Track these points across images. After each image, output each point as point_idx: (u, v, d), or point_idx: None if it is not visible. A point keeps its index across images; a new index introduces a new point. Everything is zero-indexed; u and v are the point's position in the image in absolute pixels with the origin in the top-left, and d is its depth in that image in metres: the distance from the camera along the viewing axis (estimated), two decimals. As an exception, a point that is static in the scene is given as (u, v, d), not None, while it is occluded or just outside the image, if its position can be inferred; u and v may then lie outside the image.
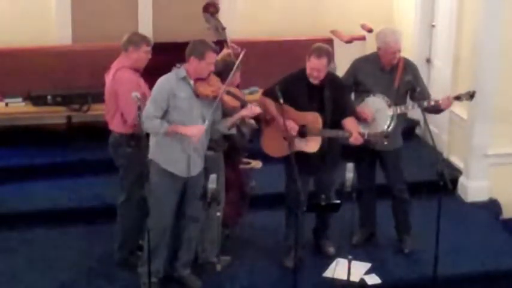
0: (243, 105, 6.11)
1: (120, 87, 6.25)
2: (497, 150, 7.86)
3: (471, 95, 6.67)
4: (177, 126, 5.94)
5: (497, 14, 7.52)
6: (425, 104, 6.57)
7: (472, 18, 7.78)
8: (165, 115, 5.94)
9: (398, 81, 6.63)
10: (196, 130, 5.92)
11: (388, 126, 6.54)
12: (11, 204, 7.31)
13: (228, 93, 6.08)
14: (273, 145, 6.47)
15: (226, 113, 6.18)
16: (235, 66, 6.10)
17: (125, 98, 6.18)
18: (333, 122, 6.40)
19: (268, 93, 6.43)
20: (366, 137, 6.32)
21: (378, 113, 6.57)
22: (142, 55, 6.32)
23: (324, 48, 6.39)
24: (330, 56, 6.39)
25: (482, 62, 7.63)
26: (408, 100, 6.74)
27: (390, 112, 6.55)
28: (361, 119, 6.55)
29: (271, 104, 6.38)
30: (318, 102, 6.39)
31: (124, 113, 6.24)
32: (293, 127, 6.34)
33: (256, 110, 6.13)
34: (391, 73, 6.65)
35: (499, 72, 7.63)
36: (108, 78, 6.38)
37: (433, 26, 8.74)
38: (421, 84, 6.73)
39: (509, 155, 7.90)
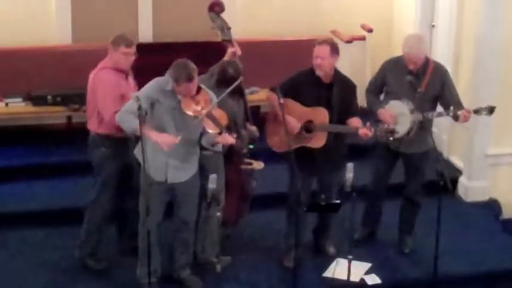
0: (221, 132, 5.89)
1: (97, 87, 6.26)
2: (497, 150, 7.87)
3: (490, 110, 6.54)
4: (149, 131, 5.85)
5: (498, 14, 7.53)
6: (444, 114, 6.52)
7: (472, 18, 7.78)
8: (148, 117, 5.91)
9: (425, 85, 6.58)
10: (167, 140, 5.84)
11: (408, 132, 6.53)
12: (11, 204, 7.31)
13: (209, 116, 5.87)
14: (276, 140, 6.48)
15: None
16: (225, 93, 6.04)
17: (102, 97, 6.20)
18: (339, 120, 6.42)
19: (275, 89, 6.43)
20: (372, 131, 6.31)
21: (401, 117, 6.53)
22: (121, 56, 6.26)
23: (327, 39, 6.45)
24: (334, 47, 6.38)
25: (483, 62, 7.63)
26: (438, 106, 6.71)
27: (411, 118, 6.50)
28: (380, 121, 6.55)
29: (276, 100, 6.39)
30: (325, 100, 6.40)
31: (101, 112, 6.24)
32: (294, 126, 6.35)
33: (230, 140, 5.90)
34: (419, 77, 6.59)
35: (499, 72, 7.63)
36: (91, 77, 6.39)
37: (433, 26, 8.73)
38: (450, 90, 6.65)
39: (509, 155, 7.90)
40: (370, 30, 9.02)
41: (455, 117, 6.50)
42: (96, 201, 6.46)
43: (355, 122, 6.42)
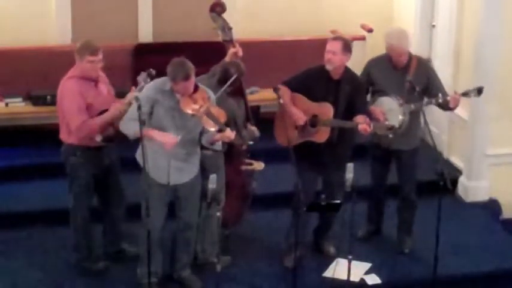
0: (220, 130, 5.90)
1: (64, 97, 6.22)
2: (497, 150, 7.87)
3: (479, 91, 6.60)
4: (151, 130, 5.87)
5: (498, 14, 7.52)
6: (434, 101, 6.55)
7: (472, 18, 7.78)
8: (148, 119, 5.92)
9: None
10: (168, 139, 5.85)
11: (400, 126, 6.54)
12: (11, 204, 7.31)
13: (208, 114, 5.86)
14: (283, 134, 6.48)
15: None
16: (222, 90, 6.06)
17: (67, 108, 6.17)
18: (345, 117, 6.43)
19: (276, 89, 6.43)
20: (371, 127, 6.32)
21: (390, 113, 6.56)
22: (86, 65, 6.19)
23: (341, 36, 6.54)
24: (347, 45, 6.42)
25: (483, 62, 7.62)
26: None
27: (401, 111, 6.52)
28: (373, 119, 6.57)
29: (286, 94, 6.39)
30: (333, 96, 6.42)
31: (68, 123, 6.21)
32: (300, 117, 6.36)
33: (231, 136, 5.93)
34: (404, 72, 6.63)
35: (499, 72, 7.63)
36: (59, 87, 6.33)
37: (433, 26, 8.74)
38: (435, 82, 6.72)
39: (509, 155, 7.90)
40: (370, 30, 9.01)
41: (445, 104, 6.54)
42: (74, 209, 6.47)
43: (359, 118, 6.43)
